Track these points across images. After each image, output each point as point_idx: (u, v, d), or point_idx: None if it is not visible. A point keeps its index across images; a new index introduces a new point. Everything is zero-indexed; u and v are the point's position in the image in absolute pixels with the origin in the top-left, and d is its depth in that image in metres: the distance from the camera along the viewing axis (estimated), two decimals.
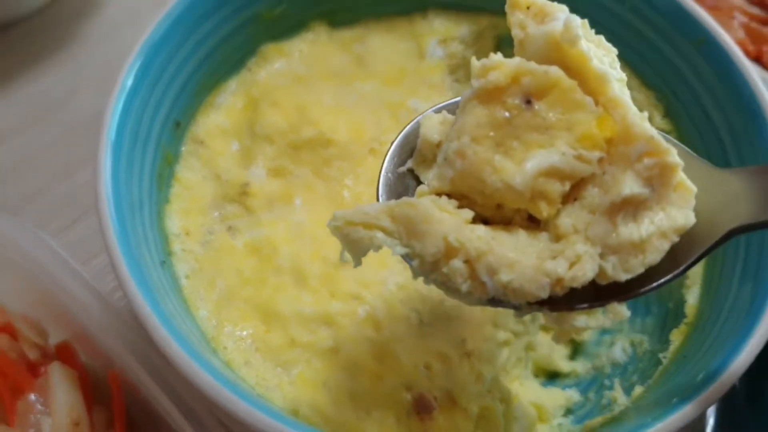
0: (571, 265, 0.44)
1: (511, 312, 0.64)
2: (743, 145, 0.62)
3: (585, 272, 0.44)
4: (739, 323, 0.55)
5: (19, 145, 0.92)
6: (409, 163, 0.53)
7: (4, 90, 0.97)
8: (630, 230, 0.45)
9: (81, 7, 1.06)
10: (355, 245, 0.47)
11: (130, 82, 0.59)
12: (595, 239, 0.45)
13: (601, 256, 0.45)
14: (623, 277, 0.45)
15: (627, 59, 0.72)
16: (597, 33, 0.70)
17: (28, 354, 0.68)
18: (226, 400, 0.47)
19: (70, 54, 1.01)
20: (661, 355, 0.63)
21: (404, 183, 0.53)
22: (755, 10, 0.95)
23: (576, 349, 0.75)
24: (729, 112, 0.64)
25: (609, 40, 0.70)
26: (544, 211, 0.46)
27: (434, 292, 0.63)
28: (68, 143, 0.92)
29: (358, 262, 0.48)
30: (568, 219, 0.46)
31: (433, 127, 0.52)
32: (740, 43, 0.87)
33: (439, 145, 0.51)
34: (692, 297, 0.64)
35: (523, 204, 0.47)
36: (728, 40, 0.65)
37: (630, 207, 0.45)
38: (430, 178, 0.49)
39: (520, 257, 0.45)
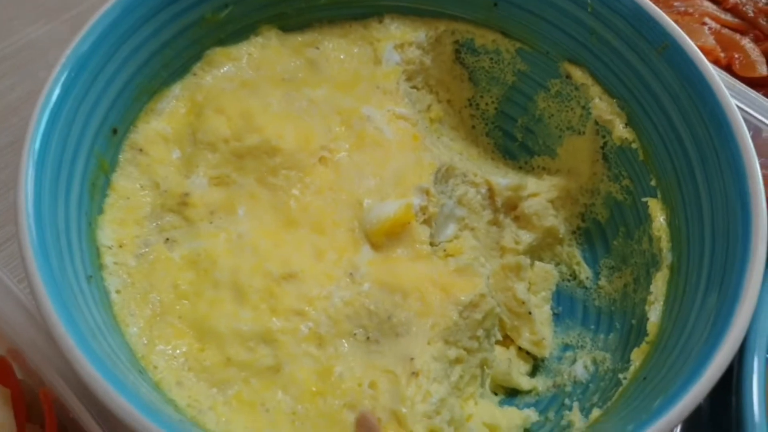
0: None
1: (463, 328, 0.61)
2: (707, 155, 0.60)
3: None
4: (704, 338, 0.52)
5: None
6: None
7: None
8: None
9: None
10: None
11: (56, 94, 0.56)
12: None
13: None
14: None
15: (590, 67, 0.70)
16: (559, 38, 0.68)
17: None
18: (139, 424, 0.44)
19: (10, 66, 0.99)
20: (621, 376, 0.60)
21: None
22: (727, 17, 0.93)
23: (536, 366, 0.72)
24: (693, 120, 0.61)
25: (571, 46, 0.69)
26: None
27: (382, 308, 0.60)
28: (18, 152, 0.89)
29: None
30: None
31: None
32: (710, 51, 0.85)
33: None
34: (654, 314, 0.61)
35: None
36: (692, 46, 0.62)
37: None
38: None
39: None
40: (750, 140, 0.58)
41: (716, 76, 0.61)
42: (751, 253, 0.53)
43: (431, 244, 0.66)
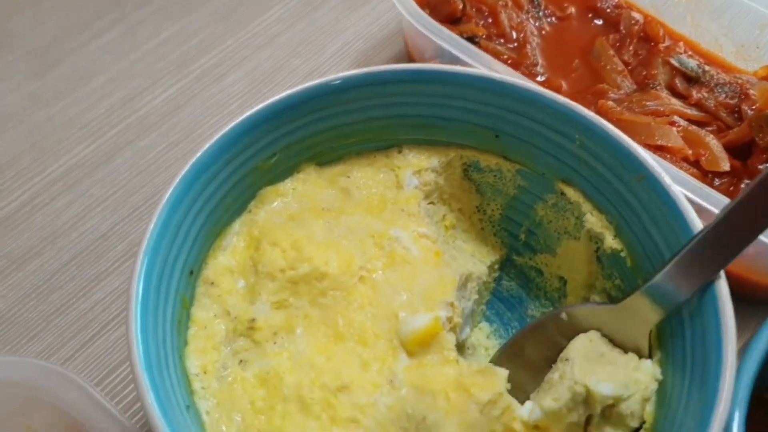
0: None
1: (484, 424, 0.73)
2: None
3: None
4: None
5: (36, 268, 1.01)
6: None
7: (15, 218, 1.06)
8: None
9: None
10: None
11: (150, 246, 0.68)
12: None
13: None
14: None
15: (581, 187, 0.81)
16: (553, 163, 0.81)
17: None
18: None
19: (77, 178, 1.10)
20: None
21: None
22: (693, 111, 1.05)
23: None
24: (671, 240, 0.72)
25: (564, 170, 0.81)
26: None
27: (417, 410, 0.71)
28: (81, 265, 1.01)
29: None
30: None
31: None
32: (680, 150, 0.96)
33: None
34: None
35: None
36: (666, 179, 0.72)
37: None
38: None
39: None
40: None
41: (686, 203, 0.71)
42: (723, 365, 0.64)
43: (458, 345, 0.78)
